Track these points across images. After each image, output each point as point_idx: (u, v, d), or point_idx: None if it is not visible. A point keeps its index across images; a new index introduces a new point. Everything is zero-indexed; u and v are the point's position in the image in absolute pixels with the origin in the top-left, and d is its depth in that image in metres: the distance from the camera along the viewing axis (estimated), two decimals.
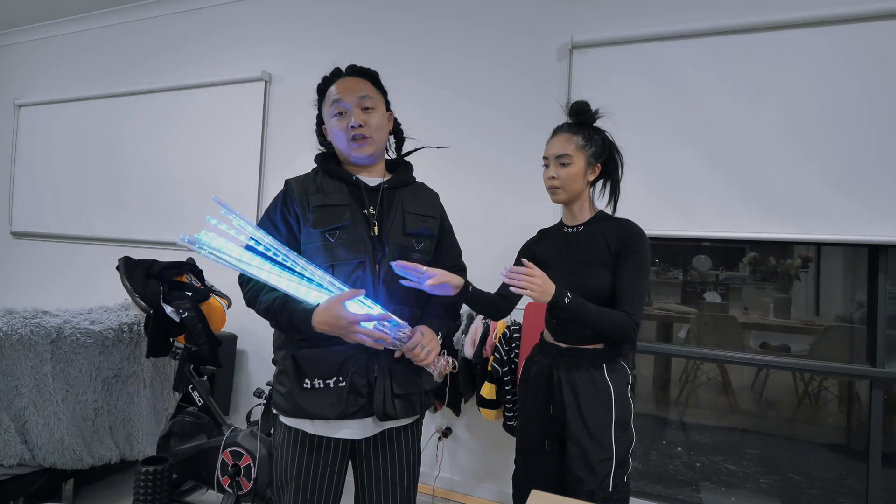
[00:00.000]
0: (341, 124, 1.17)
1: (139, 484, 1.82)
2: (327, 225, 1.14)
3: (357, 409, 1.12)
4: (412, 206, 1.23)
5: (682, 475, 2.62)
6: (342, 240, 1.13)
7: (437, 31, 2.54)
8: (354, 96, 1.16)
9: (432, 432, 2.46)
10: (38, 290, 3.61)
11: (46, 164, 3.61)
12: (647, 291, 1.32)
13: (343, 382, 1.11)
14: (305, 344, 1.13)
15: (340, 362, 1.11)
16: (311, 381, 1.11)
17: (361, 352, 1.12)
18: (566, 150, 1.33)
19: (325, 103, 1.21)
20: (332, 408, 1.10)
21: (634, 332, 1.25)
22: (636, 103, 2.14)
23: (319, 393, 1.11)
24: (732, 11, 2.02)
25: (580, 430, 1.28)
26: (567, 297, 1.19)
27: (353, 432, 1.15)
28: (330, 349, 1.11)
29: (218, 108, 3.03)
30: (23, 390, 1.89)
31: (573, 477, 1.28)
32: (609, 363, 1.32)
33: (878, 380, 1.91)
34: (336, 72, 1.22)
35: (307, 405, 1.11)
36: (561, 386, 1.32)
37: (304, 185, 1.19)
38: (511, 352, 2.05)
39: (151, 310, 1.94)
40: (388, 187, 1.22)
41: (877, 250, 1.95)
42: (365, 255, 1.14)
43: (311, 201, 1.15)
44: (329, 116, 1.19)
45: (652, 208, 2.11)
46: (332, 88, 1.19)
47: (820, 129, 1.91)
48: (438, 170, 2.51)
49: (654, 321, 3.09)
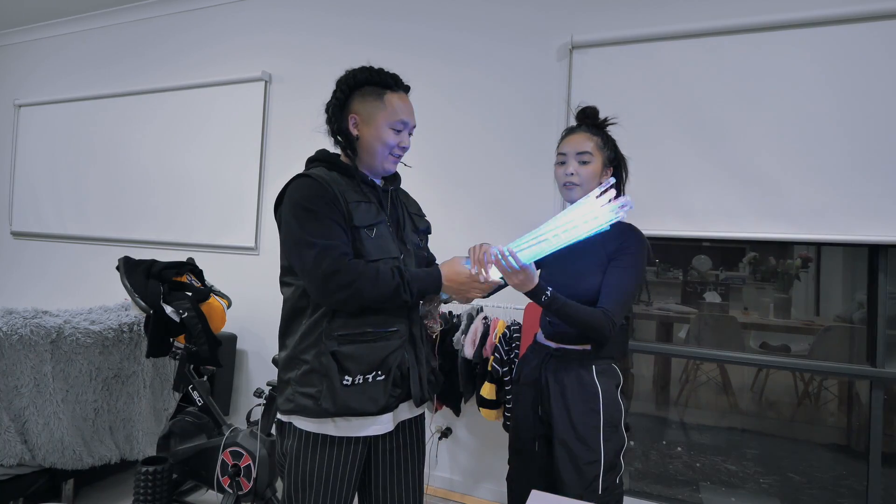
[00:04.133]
0: (396, 139, 1.20)
1: (139, 484, 1.82)
2: (367, 222, 1.15)
3: (395, 399, 1.16)
4: (410, 207, 1.32)
5: (682, 475, 2.62)
6: (380, 237, 1.17)
7: (436, 31, 2.54)
8: (414, 121, 1.24)
9: (432, 432, 2.47)
10: (38, 290, 3.61)
11: (46, 164, 3.62)
12: (633, 294, 1.29)
13: (382, 376, 1.13)
14: (345, 340, 1.11)
15: (384, 357, 1.13)
16: (353, 377, 1.11)
17: (401, 345, 1.16)
18: (587, 148, 1.32)
19: (378, 105, 1.18)
20: (374, 402, 1.12)
21: (610, 331, 1.21)
22: (636, 103, 2.14)
23: (360, 388, 1.11)
24: (732, 11, 2.02)
25: (567, 432, 1.27)
26: (546, 293, 1.18)
27: (381, 427, 1.16)
28: (373, 344, 1.13)
29: (218, 108, 3.03)
30: (23, 390, 1.89)
31: (560, 478, 1.27)
32: (598, 364, 1.31)
33: (878, 380, 1.91)
34: (399, 81, 1.23)
35: (351, 401, 1.09)
36: (549, 386, 1.32)
37: (334, 181, 1.15)
38: (511, 352, 2.05)
39: (151, 310, 1.94)
40: (392, 189, 1.27)
41: (877, 250, 1.95)
42: (398, 252, 1.19)
43: (347, 197, 1.15)
44: (384, 125, 1.17)
45: (652, 208, 2.11)
46: (398, 103, 1.19)
47: (820, 128, 1.91)
48: (438, 170, 2.51)
49: (654, 321, 3.09)
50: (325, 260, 1.06)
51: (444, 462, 2.47)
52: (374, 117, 1.18)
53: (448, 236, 2.49)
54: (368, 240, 1.14)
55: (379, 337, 1.13)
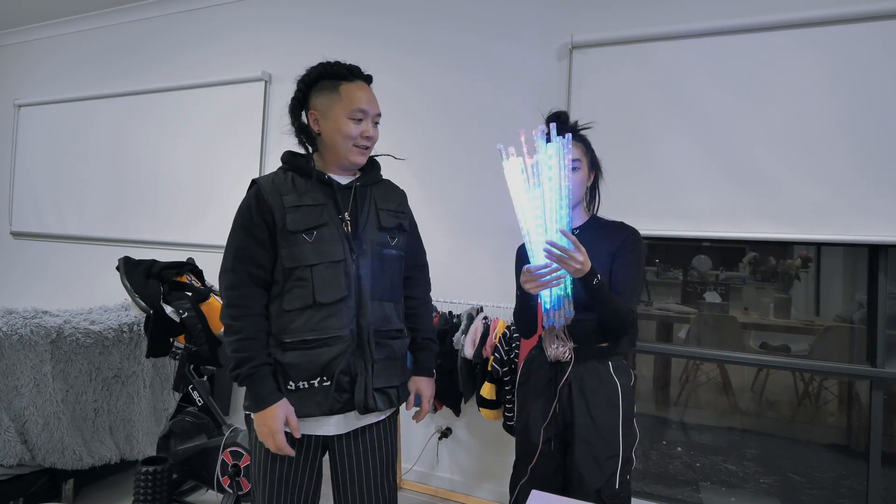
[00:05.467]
0: (357, 129, 1.17)
1: (139, 484, 1.82)
2: (304, 226, 1.14)
3: (342, 404, 1.15)
4: (384, 203, 1.26)
5: (682, 475, 2.62)
6: (320, 240, 1.14)
7: (437, 31, 2.54)
8: (376, 110, 1.21)
9: (432, 432, 2.47)
10: (38, 290, 3.61)
11: (46, 164, 3.61)
12: (640, 288, 1.35)
13: (328, 381, 1.13)
14: (287, 347, 1.13)
15: (326, 362, 1.13)
16: (297, 382, 1.13)
17: (345, 351, 1.14)
18: (577, 156, 1.35)
19: (334, 97, 1.17)
20: (319, 406, 1.13)
21: (633, 324, 1.29)
22: (636, 103, 2.14)
23: (305, 393, 1.13)
24: (733, 11, 2.02)
25: (588, 428, 1.29)
26: (598, 277, 1.20)
27: (334, 428, 1.17)
28: (314, 351, 1.13)
29: (218, 108, 3.03)
30: (23, 390, 1.89)
31: (579, 475, 1.28)
32: (614, 361, 1.34)
33: (878, 380, 1.91)
34: (356, 71, 1.21)
35: (294, 405, 1.13)
36: (568, 385, 1.33)
37: (276, 185, 1.17)
38: (511, 352, 2.05)
39: (151, 310, 1.93)
40: (360, 185, 1.23)
41: (877, 250, 1.95)
42: (342, 255, 1.15)
43: (285, 202, 1.14)
44: (342, 116, 1.17)
45: (652, 208, 2.11)
46: (356, 92, 1.18)
47: (820, 128, 1.91)
48: (438, 170, 2.51)
49: (654, 321, 3.09)
50: (225, 277, 1.15)
51: (444, 462, 2.47)
52: (332, 109, 1.17)
53: (448, 236, 2.49)
54: (306, 244, 1.13)
55: (321, 343, 1.12)
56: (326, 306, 1.13)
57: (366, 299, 1.17)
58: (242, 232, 1.16)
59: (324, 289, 1.13)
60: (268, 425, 1.10)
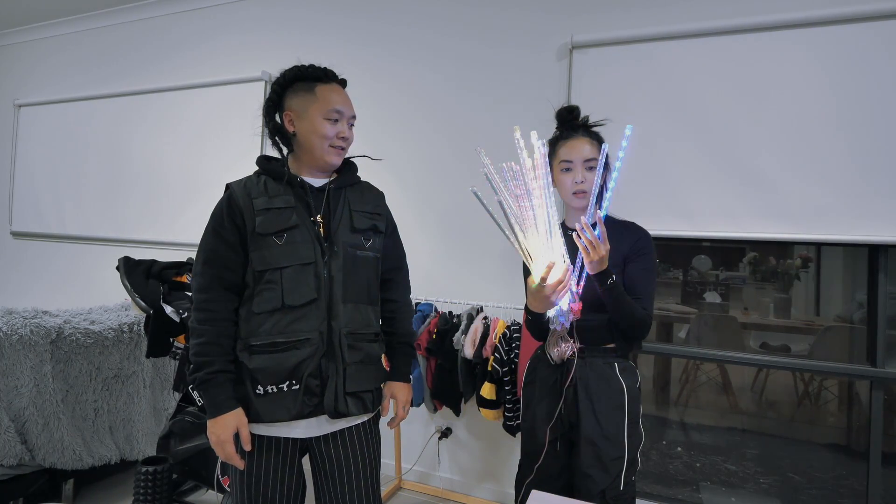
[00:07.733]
0: (333, 129, 1.18)
1: (139, 484, 1.82)
2: (274, 229, 1.13)
3: (312, 408, 1.13)
4: (359, 205, 1.25)
5: (682, 475, 2.62)
6: (290, 243, 1.14)
7: (436, 31, 2.54)
8: (351, 112, 1.23)
9: (432, 432, 2.47)
10: (38, 290, 3.61)
11: (46, 164, 3.62)
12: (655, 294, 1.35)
13: (297, 385, 1.12)
14: (255, 350, 1.12)
15: (294, 366, 1.12)
16: (265, 387, 1.12)
17: (314, 354, 1.13)
18: (594, 155, 1.33)
19: (310, 98, 1.19)
20: (287, 410, 1.12)
21: (649, 328, 1.29)
22: (636, 103, 2.14)
23: (274, 397, 1.12)
24: (732, 11, 2.02)
25: (594, 429, 1.29)
26: (613, 276, 1.20)
27: (306, 431, 1.16)
28: (283, 354, 1.12)
29: (218, 108, 3.03)
30: (23, 390, 1.89)
31: (584, 476, 1.28)
32: (620, 362, 1.34)
33: (878, 380, 1.91)
34: (330, 74, 1.24)
35: (262, 410, 1.12)
36: (574, 385, 1.33)
37: (248, 189, 1.17)
38: (511, 352, 2.04)
39: (151, 310, 1.93)
40: (333, 187, 1.23)
41: (877, 250, 1.95)
42: (313, 257, 1.15)
43: (255, 205, 1.15)
44: (317, 116, 1.18)
45: (652, 208, 2.11)
46: (331, 94, 1.19)
47: (820, 128, 1.91)
48: (438, 170, 2.51)
49: (655, 321, 3.08)
50: (195, 280, 1.16)
51: (445, 462, 2.47)
52: (307, 110, 1.18)
53: (449, 236, 2.49)
54: (276, 247, 1.13)
55: (289, 346, 1.11)
56: (295, 309, 1.12)
57: (337, 301, 1.16)
58: (213, 236, 1.16)
59: (292, 291, 1.12)
60: (216, 434, 1.09)
